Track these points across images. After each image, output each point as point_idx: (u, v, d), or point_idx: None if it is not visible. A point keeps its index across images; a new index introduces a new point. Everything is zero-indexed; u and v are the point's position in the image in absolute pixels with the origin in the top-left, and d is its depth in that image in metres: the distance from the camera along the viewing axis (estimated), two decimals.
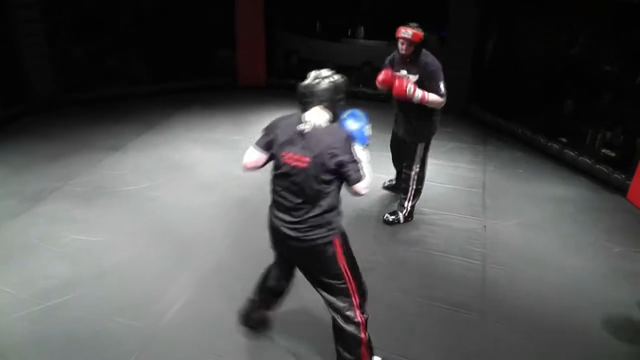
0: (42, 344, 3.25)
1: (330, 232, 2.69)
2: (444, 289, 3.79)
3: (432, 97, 4.17)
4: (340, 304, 2.81)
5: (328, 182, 2.61)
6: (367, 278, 3.78)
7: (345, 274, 2.79)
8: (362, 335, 2.85)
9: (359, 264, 2.91)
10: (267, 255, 4.11)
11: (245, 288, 3.70)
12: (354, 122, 2.75)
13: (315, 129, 2.60)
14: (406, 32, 4.13)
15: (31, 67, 6.88)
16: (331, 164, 2.55)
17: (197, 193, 5.11)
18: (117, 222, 4.59)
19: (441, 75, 4.18)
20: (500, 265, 4.08)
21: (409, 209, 4.69)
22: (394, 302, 3.66)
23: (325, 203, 2.64)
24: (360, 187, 2.60)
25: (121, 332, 3.33)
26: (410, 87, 4.13)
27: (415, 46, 4.16)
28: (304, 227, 2.66)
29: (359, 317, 2.83)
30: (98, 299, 3.63)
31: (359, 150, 2.64)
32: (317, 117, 2.64)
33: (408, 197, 4.66)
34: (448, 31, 7.52)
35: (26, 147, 5.95)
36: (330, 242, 2.71)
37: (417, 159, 4.56)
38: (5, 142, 6.13)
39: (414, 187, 4.64)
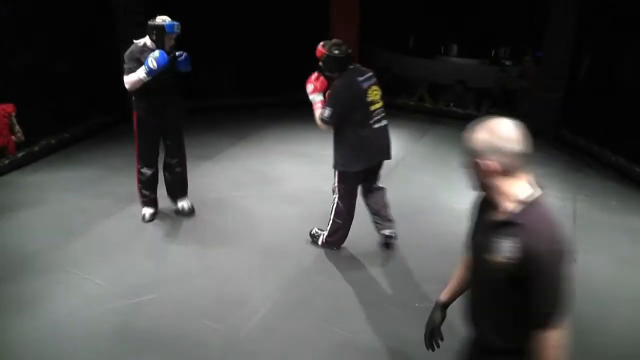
0: (129, 336, 3.40)
1: (132, 106, 4.45)
2: None
3: (317, 112, 3.97)
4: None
5: None
6: (454, 303, 3.74)
7: (135, 137, 4.55)
8: (137, 179, 4.71)
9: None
10: (350, 271, 4.19)
11: (326, 304, 3.75)
12: (152, 54, 4.11)
13: None
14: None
15: None
16: None
17: (285, 206, 5.18)
18: (205, 228, 4.75)
19: (334, 100, 3.88)
20: (591, 302, 3.85)
21: (324, 239, 4.39)
22: None
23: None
24: (124, 80, 4.25)
25: (204, 334, 3.43)
26: (310, 86, 4.04)
27: (323, 63, 3.95)
28: None
29: (136, 168, 4.66)
30: (184, 299, 3.76)
31: (141, 68, 4.13)
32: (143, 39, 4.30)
33: (327, 227, 4.32)
34: (543, 51, 7.28)
35: (123, 151, 6.25)
36: (132, 111, 4.49)
37: (335, 186, 4.18)
38: (105, 146, 6.53)
39: (332, 217, 4.25)
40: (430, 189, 5.60)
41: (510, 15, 8.37)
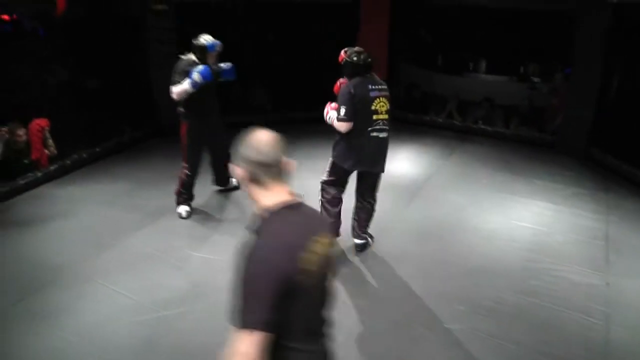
0: (156, 350, 3.44)
1: (181, 117, 4.98)
2: (562, 347, 3.54)
3: (333, 113, 4.28)
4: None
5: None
6: (482, 325, 3.72)
7: (183, 143, 5.02)
8: (180, 180, 5.10)
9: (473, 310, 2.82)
10: (379, 290, 4.18)
11: (354, 324, 3.73)
12: (196, 69, 4.62)
13: None
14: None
15: (160, 94, 7.27)
16: None
17: None
18: (233, 243, 4.72)
19: (343, 100, 4.13)
20: (625, 327, 3.75)
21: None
22: (508, 354, 3.48)
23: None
24: (172, 90, 4.73)
25: None
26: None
27: (343, 67, 4.27)
28: None
29: (183, 169, 5.06)
30: (212, 314, 3.76)
31: (187, 80, 4.62)
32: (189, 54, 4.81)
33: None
34: (572, 68, 7.18)
35: (152, 165, 6.34)
36: (180, 122, 4.99)
37: (326, 171, 4.60)
38: (135, 160, 6.61)
39: (320, 197, 4.64)
40: (458, 207, 5.54)
41: (539, 32, 8.29)
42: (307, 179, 6.08)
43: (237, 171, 1.92)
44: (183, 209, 5.17)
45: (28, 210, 5.27)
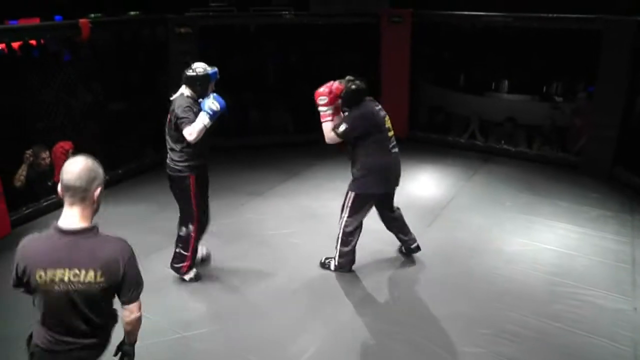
0: None
1: (184, 172, 4.20)
2: None
3: (327, 125, 4.33)
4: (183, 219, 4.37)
5: (175, 132, 4.16)
6: (505, 350, 3.64)
7: (189, 198, 4.25)
8: (191, 244, 4.35)
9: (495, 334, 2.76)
10: (399, 312, 4.14)
11: (374, 345, 3.69)
12: (208, 99, 4.06)
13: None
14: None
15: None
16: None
17: (335, 244, 4.91)
18: (254, 265, 4.77)
19: (351, 121, 4.23)
20: None
21: (336, 261, 4.61)
22: None
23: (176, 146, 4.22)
24: (183, 133, 3.99)
25: None
26: (324, 99, 4.34)
27: (344, 97, 4.32)
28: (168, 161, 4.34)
29: (192, 230, 4.32)
30: (231, 336, 3.78)
31: (202, 114, 3.99)
32: (179, 91, 4.18)
33: (337, 247, 4.56)
34: (596, 87, 7.08)
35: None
36: (181, 177, 4.22)
37: (347, 205, 4.47)
38: (155, 183, 6.61)
39: (340, 236, 4.54)
40: (481, 229, 5.46)
41: (562, 50, 8.21)
42: (330, 200, 6.11)
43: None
44: (193, 273, 4.55)
45: None
